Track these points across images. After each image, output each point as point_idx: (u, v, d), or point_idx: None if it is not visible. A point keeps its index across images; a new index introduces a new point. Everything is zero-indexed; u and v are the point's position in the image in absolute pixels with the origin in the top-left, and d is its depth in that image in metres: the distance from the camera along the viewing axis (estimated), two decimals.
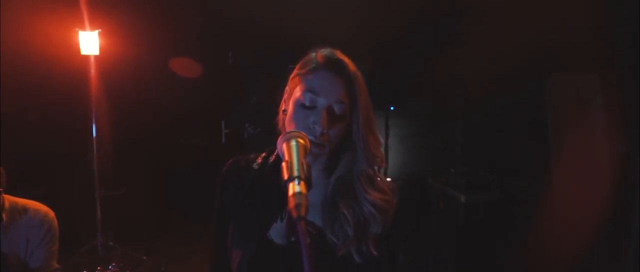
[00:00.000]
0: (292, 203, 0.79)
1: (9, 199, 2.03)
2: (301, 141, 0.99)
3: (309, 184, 0.86)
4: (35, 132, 4.18)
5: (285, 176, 0.86)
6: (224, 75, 5.26)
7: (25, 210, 2.05)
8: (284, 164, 0.89)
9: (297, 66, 1.20)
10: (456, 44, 4.96)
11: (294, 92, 1.17)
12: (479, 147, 6.18)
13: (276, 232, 1.18)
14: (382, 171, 1.29)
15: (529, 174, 5.05)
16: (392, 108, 6.18)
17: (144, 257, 4.02)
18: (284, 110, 1.19)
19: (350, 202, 1.16)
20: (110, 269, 1.80)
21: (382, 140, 1.20)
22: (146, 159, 5.05)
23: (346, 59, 1.17)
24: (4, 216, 1.98)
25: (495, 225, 4.77)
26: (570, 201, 3.77)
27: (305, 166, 0.89)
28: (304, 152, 0.97)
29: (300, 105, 1.13)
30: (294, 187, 0.83)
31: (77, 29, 3.85)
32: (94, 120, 4.09)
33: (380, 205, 1.16)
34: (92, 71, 3.99)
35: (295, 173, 0.87)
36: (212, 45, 5.10)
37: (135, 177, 4.91)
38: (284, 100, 1.21)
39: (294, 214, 0.78)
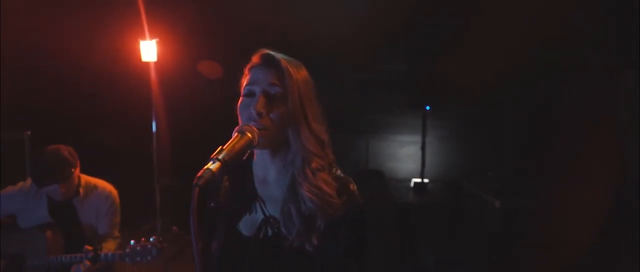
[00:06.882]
0: (198, 174, 0.94)
1: (84, 178, 2.56)
2: (248, 134, 1.09)
3: (226, 169, 0.99)
4: (104, 128, 4.68)
5: (212, 155, 1.00)
6: None
7: (95, 187, 2.57)
8: (220, 147, 1.03)
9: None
10: (498, 40, 4.78)
11: None
12: (520, 150, 5.73)
13: (245, 224, 1.23)
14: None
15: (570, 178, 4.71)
16: (427, 108, 5.87)
17: None
18: None
19: (296, 198, 1.18)
20: (151, 241, 2.24)
21: (328, 136, 1.25)
22: (200, 154, 5.49)
23: (279, 55, 1.22)
24: (81, 190, 2.51)
25: (530, 232, 4.28)
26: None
27: (233, 154, 1.02)
28: (246, 144, 1.07)
29: (242, 97, 1.21)
30: (209, 165, 0.97)
31: (139, 39, 4.34)
32: (154, 118, 4.60)
33: (314, 201, 1.16)
34: (152, 75, 4.51)
35: (220, 156, 0.99)
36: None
37: (190, 170, 5.38)
38: None
39: (194, 181, 0.93)
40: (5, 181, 2.58)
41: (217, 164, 0.98)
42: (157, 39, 4.39)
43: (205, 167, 0.97)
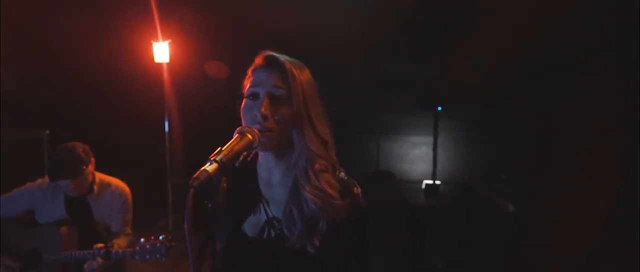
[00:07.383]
0: (194, 175, 0.95)
1: (99, 175, 2.62)
2: (249, 136, 1.09)
3: (223, 170, 0.99)
4: (118, 127, 4.81)
5: (210, 157, 1.01)
6: None
7: (109, 185, 2.63)
8: (219, 148, 1.04)
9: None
10: (509, 42, 4.72)
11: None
12: (532, 152, 5.63)
13: (249, 225, 1.24)
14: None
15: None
16: (439, 108, 5.89)
17: None
18: None
19: (299, 199, 1.18)
20: (160, 240, 2.29)
21: (331, 137, 1.23)
22: (212, 153, 5.55)
23: (282, 57, 1.21)
24: (95, 188, 2.57)
25: (542, 235, 4.18)
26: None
27: (232, 155, 1.02)
28: (245, 145, 1.08)
29: (245, 99, 1.20)
30: (206, 166, 0.98)
31: (151, 41, 4.43)
32: (166, 117, 4.68)
33: (316, 203, 1.15)
34: (165, 75, 4.59)
35: (218, 158, 1.00)
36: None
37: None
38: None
39: (190, 182, 0.94)
40: (25, 178, 2.66)
41: (214, 165, 0.99)
42: (169, 41, 4.48)
43: (202, 168, 0.97)
